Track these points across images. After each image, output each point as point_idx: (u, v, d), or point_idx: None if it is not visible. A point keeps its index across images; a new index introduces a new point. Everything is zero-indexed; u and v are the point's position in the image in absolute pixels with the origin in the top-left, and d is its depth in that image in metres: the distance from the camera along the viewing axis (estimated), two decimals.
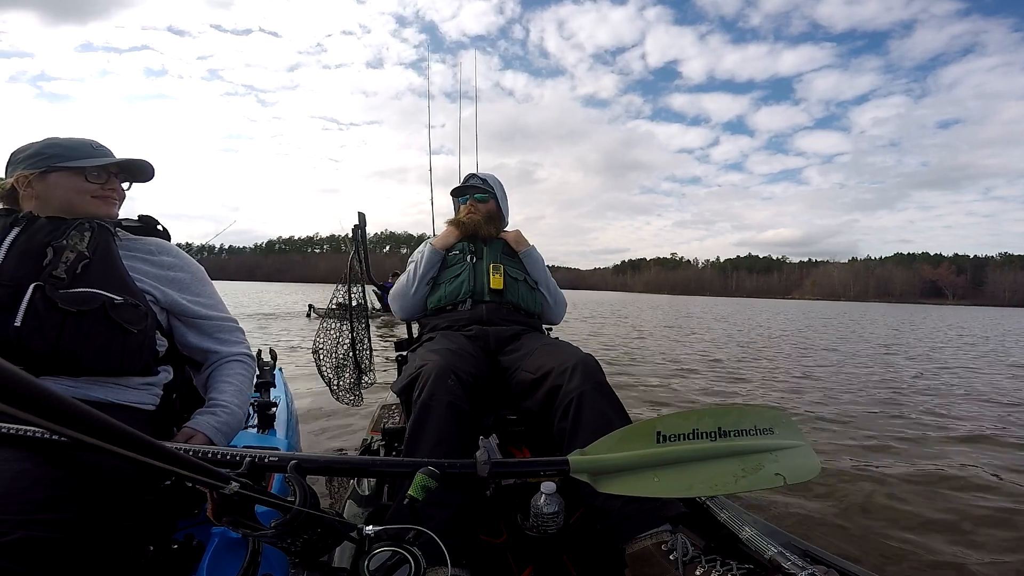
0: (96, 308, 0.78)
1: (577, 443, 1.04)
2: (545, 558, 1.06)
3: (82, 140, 0.92)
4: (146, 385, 0.88)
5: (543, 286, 1.63)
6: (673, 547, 0.87)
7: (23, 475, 0.61)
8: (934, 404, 3.91)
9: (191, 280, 0.97)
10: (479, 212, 1.64)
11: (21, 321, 0.73)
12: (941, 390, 4.58)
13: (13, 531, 0.54)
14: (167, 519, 0.79)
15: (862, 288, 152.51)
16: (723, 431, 0.83)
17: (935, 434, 3.03)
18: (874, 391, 4.44)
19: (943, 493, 2.12)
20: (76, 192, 0.89)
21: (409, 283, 1.57)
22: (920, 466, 2.44)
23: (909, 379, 5.21)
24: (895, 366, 6.28)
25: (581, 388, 1.07)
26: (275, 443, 1.23)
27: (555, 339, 1.43)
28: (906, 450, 2.71)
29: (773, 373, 5.35)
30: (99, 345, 0.79)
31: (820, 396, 4.14)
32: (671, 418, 0.83)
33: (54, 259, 0.80)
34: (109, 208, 0.93)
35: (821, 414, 3.45)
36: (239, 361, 0.98)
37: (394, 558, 0.65)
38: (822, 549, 0.87)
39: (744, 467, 0.82)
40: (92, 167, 0.89)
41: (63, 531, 0.59)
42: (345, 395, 1.68)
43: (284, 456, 0.67)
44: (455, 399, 1.05)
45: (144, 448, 0.40)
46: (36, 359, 0.75)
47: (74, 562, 0.59)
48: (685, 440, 0.81)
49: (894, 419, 3.38)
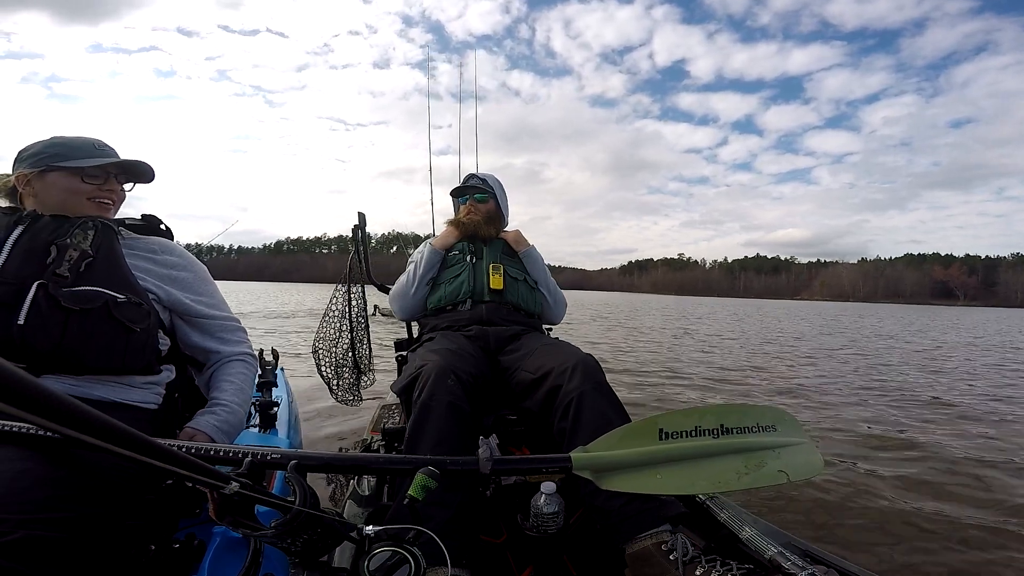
0: (99, 307, 0.79)
1: (577, 443, 1.04)
2: (545, 558, 1.07)
3: (86, 140, 0.92)
4: (149, 384, 0.88)
5: (543, 286, 1.64)
6: (673, 547, 0.87)
7: (24, 474, 0.62)
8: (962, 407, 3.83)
9: (194, 279, 0.98)
10: (479, 212, 1.65)
11: (24, 319, 0.74)
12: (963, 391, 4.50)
13: (15, 530, 0.55)
14: (168, 518, 0.80)
15: (871, 289, 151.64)
16: (725, 428, 0.83)
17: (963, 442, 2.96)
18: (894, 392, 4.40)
19: (948, 494, 2.11)
20: (72, 193, 0.89)
21: (409, 283, 1.58)
22: (926, 466, 2.43)
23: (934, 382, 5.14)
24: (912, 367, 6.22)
25: (581, 388, 1.08)
26: (277, 442, 1.24)
27: (555, 339, 1.44)
28: (924, 450, 2.69)
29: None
30: (102, 344, 0.79)
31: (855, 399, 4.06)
32: (673, 415, 0.83)
33: (57, 257, 0.80)
34: (103, 211, 0.92)
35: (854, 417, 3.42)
36: (240, 361, 0.99)
37: (394, 558, 0.66)
38: (822, 549, 0.87)
39: (747, 464, 0.82)
40: (90, 167, 0.89)
41: (64, 530, 0.59)
42: (344, 395, 1.69)
43: (285, 454, 0.68)
44: (455, 399, 1.06)
45: (143, 448, 0.41)
46: (39, 357, 0.75)
47: (76, 561, 0.59)
48: (687, 437, 0.81)
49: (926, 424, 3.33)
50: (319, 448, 2.46)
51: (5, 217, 0.85)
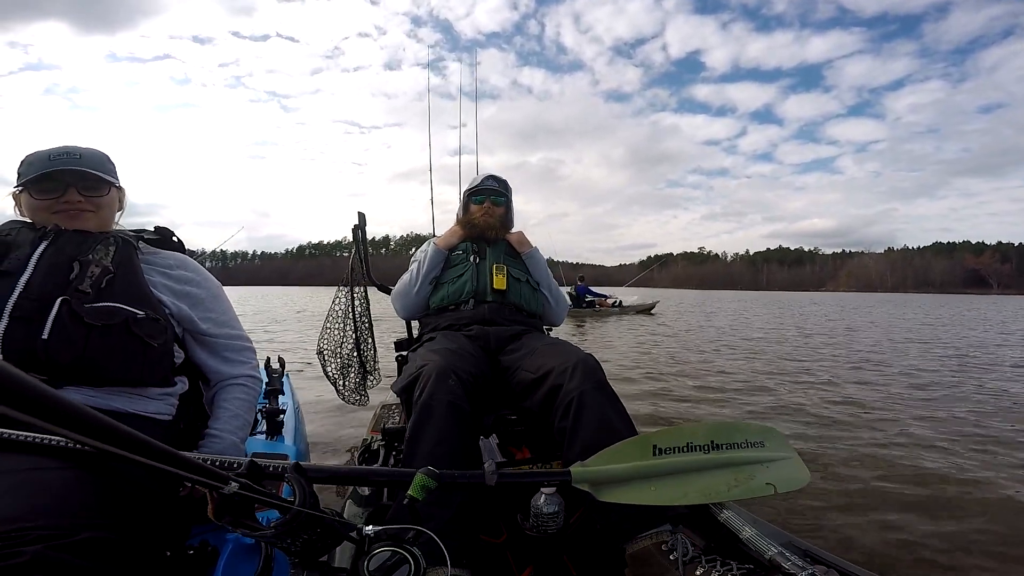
0: (119, 322, 0.83)
1: (577, 442, 1.06)
2: (545, 558, 1.09)
3: (45, 152, 0.90)
4: (163, 395, 0.91)
5: (545, 287, 1.65)
6: (673, 547, 0.88)
7: (74, 481, 0.65)
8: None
9: (206, 296, 1.00)
10: (494, 215, 1.67)
11: (48, 334, 0.78)
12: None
13: (79, 531, 0.59)
14: (182, 524, 0.82)
15: (899, 279, 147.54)
16: (715, 444, 0.91)
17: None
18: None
19: (950, 493, 2.09)
20: (36, 210, 0.90)
21: (412, 282, 1.60)
22: (933, 466, 2.40)
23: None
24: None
25: (581, 388, 1.10)
26: (283, 449, 1.28)
27: (555, 339, 1.45)
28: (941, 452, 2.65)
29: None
30: (121, 358, 0.83)
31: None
32: (665, 432, 0.91)
33: (80, 274, 0.84)
34: (75, 223, 0.91)
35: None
36: (240, 385, 1.01)
37: (394, 558, 0.68)
38: (822, 549, 0.88)
39: (737, 477, 0.90)
40: (34, 183, 0.88)
41: (116, 531, 0.64)
42: (351, 395, 1.73)
43: (286, 466, 0.70)
44: (455, 399, 1.08)
45: (143, 448, 0.43)
46: (61, 369, 0.79)
47: (127, 560, 0.64)
48: (679, 452, 0.89)
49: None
50: (318, 448, 2.51)
51: (31, 232, 0.88)
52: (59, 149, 0.91)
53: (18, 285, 0.81)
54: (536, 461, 1.35)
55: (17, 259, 0.84)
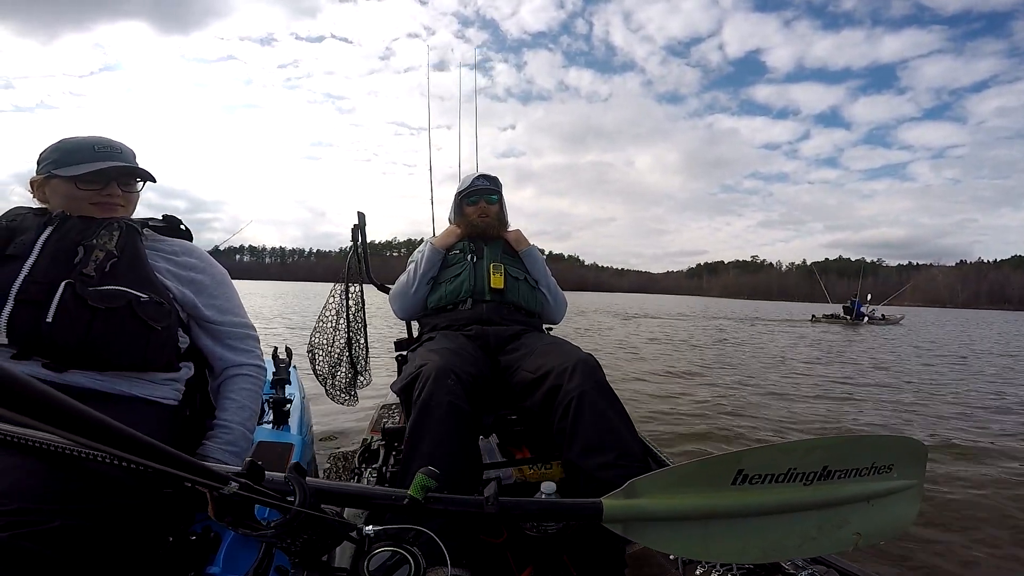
0: (123, 305, 0.84)
1: (577, 443, 1.08)
2: (545, 558, 1.10)
3: (86, 142, 0.94)
4: (169, 380, 0.93)
5: (543, 285, 1.67)
6: None
7: (43, 470, 0.65)
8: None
9: (211, 283, 1.02)
10: (490, 214, 1.69)
11: (53, 317, 0.79)
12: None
13: (52, 520, 0.60)
14: (185, 511, 0.84)
15: (972, 294, 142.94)
16: (827, 471, 0.66)
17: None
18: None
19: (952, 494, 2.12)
20: (71, 199, 0.93)
21: (409, 282, 1.62)
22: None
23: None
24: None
25: (581, 388, 1.11)
26: (289, 438, 1.30)
27: (555, 339, 1.46)
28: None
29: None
30: (125, 341, 0.84)
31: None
32: (762, 451, 0.66)
33: (84, 257, 0.86)
34: (108, 213, 0.95)
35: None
36: (245, 375, 1.02)
37: (394, 558, 0.68)
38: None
39: (822, 526, 0.67)
40: (83, 175, 0.92)
41: (95, 520, 0.64)
42: (339, 395, 1.73)
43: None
44: (455, 399, 1.09)
45: (143, 449, 0.44)
46: (66, 353, 0.81)
47: (105, 549, 0.65)
48: (771, 483, 0.65)
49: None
50: (320, 445, 2.53)
51: (36, 218, 0.90)
52: (102, 141, 0.94)
53: (23, 269, 0.82)
54: (536, 461, 1.37)
55: (23, 243, 0.85)
